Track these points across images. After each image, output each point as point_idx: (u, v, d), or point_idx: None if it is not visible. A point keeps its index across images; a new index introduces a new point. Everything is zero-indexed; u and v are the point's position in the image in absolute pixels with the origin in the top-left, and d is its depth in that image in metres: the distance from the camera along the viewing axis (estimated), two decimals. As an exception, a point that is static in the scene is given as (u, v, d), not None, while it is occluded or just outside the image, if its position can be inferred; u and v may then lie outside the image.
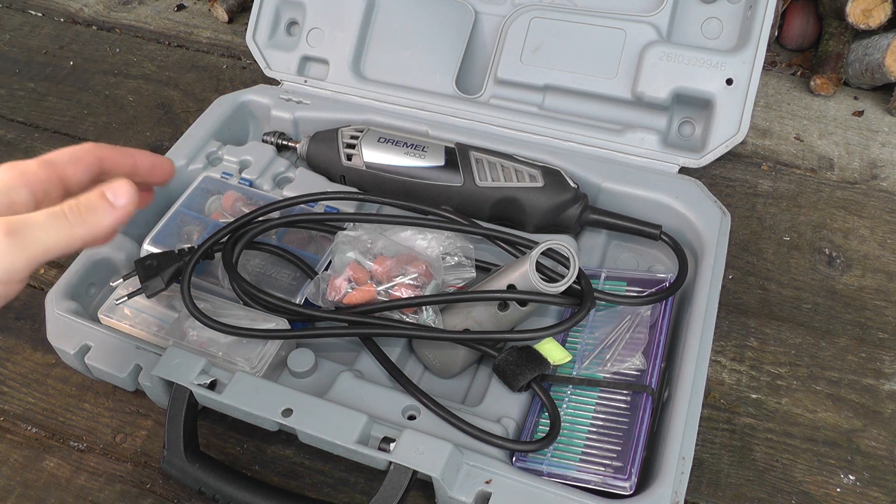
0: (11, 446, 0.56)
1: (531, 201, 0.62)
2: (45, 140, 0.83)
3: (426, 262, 0.55)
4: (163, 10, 1.01)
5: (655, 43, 0.67)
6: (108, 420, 0.58)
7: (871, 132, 0.79)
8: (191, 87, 0.89)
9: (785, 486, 0.53)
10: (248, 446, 0.56)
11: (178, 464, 0.48)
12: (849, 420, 0.57)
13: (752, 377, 0.59)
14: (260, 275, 0.58)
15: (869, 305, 0.64)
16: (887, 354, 0.61)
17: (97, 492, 0.54)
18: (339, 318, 0.53)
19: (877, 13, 0.78)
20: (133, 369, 0.53)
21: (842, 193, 0.73)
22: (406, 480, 0.45)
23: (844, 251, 0.68)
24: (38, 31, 0.98)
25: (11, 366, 0.61)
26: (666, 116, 0.69)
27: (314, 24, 0.77)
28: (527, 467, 0.48)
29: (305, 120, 0.73)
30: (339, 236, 0.57)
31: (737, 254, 0.68)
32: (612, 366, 0.53)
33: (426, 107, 0.72)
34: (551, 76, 0.70)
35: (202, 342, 0.54)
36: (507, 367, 0.51)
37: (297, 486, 0.54)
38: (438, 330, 0.52)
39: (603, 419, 0.50)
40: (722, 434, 0.56)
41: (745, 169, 0.76)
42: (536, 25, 0.71)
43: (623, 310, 0.56)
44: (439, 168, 0.64)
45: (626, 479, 0.46)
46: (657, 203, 0.63)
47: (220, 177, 0.66)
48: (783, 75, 0.87)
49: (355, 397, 0.51)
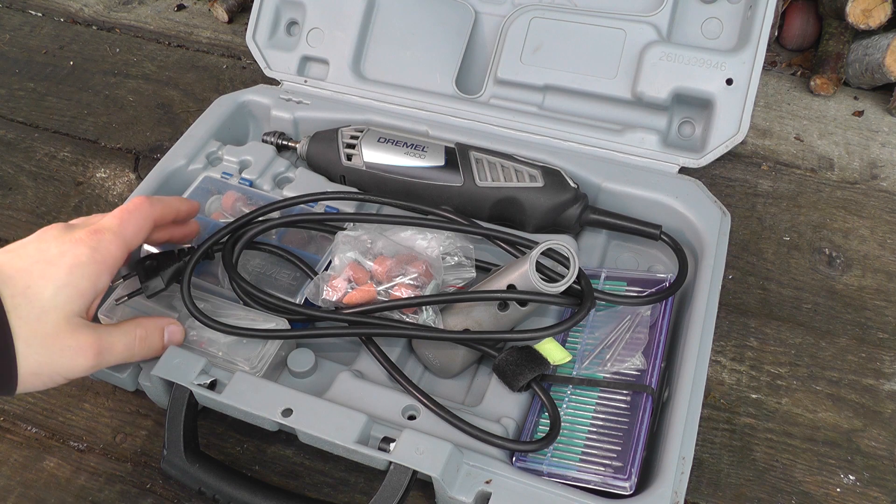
0: (11, 446, 0.56)
1: (531, 201, 0.62)
2: (45, 140, 0.83)
3: (426, 262, 0.55)
4: (163, 10, 1.01)
5: (655, 43, 0.67)
6: (108, 420, 0.58)
7: (871, 132, 0.79)
8: (191, 87, 0.89)
9: (785, 486, 0.53)
10: (248, 446, 0.56)
11: (178, 464, 0.48)
12: (849, 420, 0.57)
13: (752, 377, 0.59)
14: (260, 275, 0.58)
15: (869, 305, 0.64)
16: (887, 354, 0.61)
17: (97, 492, 0.54)
18: (339, 318, 0.53)
19: (877, 13, 0.78)
20: (133, 369, 0.53)
21: (842, 193, 0.73)
22: (406, 480, 0.45)
23: (844, 251, 0.68)
24: (38, 31, 0.98)
25: (11, 366, 0.61)
26: (666, 116, 0.69)
27: (314, 24, 0.77)
28: (527, 467, 0.48)
29: (305, 120, 0.73)
30: (339, 236, 0.57)
31: (737, 254, 0.68)
32: (612, 366, 0.53)
33: (426, 107, 0.72)
34: (551, 76, 0.70)
35: (202, 342, 0.54)
36: (507, 367, 0.51)
37: (297, 486, 0.54)
38: (438, 330, 0.52)
39: (603, 419, 0.50)
40: (722, 434, 0.56)
41: (745, 169, 0.76)
42: (536, 25, 0.71)
43: (623, 310, 0.56)
44: (439, 168, 0.64)
45: (626, 479, 0.46)
46: (657, 203, 0.63)
47: (220, 177, 0.66)
48: (783, 75, 0.87)
49: (355, 397, 0.51)
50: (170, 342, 0.50)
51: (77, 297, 0.42)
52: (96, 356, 0.44)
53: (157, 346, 0.49)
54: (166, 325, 0.50)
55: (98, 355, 0.44)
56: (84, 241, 0.43)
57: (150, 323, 0.49)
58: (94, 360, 0.44)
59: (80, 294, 0.42)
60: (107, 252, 0.44)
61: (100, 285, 0.44)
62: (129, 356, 0.47)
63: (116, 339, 0.46)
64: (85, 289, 0.43)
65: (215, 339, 0.54)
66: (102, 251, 0.44)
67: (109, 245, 0.44)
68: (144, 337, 0.48)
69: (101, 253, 0.43)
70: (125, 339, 0.46)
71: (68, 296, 0.42)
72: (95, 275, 0.43)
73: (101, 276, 0.44)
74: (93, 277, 0.43)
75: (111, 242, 0.44)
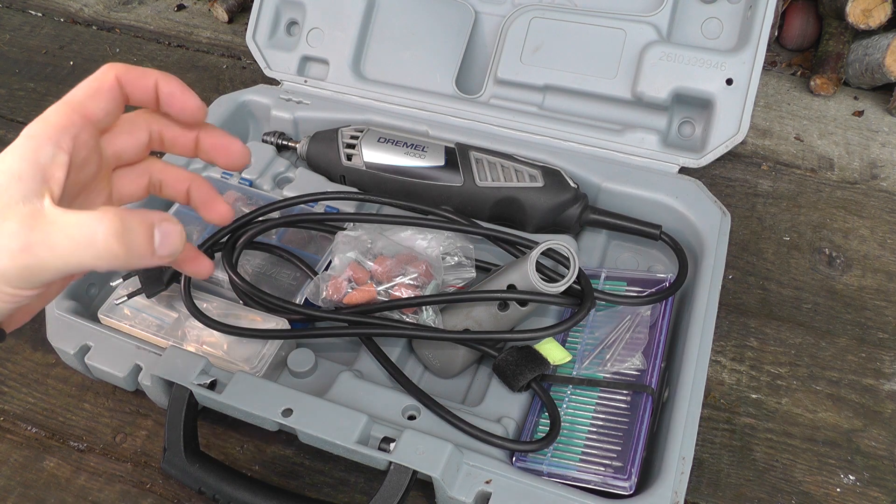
0: (11, 446, 0.56)
1: (531, 201, 0.62)
2: (45, 140, 0.83)
3: (426, 262, 0.55)
4: (163, 10, 1.01)
5: (655, 43, 0.67)
6: (108, 420, 0.58)
7: (871, 132, 0.79)
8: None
9: (785, 486, 0.53)
10: (248, 446, 0.56)
11: (178, 464, 0.48)
12: (849, 420, 0.57)
13: (752, 377, 0.59)
14: (260, 275, 0.58)
15: (869, 305, 0.64)
16: (887, 354, 0.61)
17: (97, 492, 0.54)
18: (339, 318, 0.53)
19: (877, 13, 0.78)
20: (133, 369, 0.53)
21: (842, 193, 0.73)
22: (406, 480, 0.45)
23: (844, 251, 0.68)
24: (38, 31, 0.98)
25: (11, 366, 0.61)
26: (666, 116, 0.69)
27: (314, 24, 0.77)
28: (527, 467, 0.48)
29: (305, 120, 0.73)
30: (339, 236, 0.57)
31: (737, 254, 0.68)
32: (612, 366, 0.53)
33: (426, 107, 0.72)
34: (551, 76, 0.70)
35: (202, 342, 0.54)
36: (507, 367, 0.51)
37: (297, 486, 0.54)
38: (438, 330, 0.52)
39: (603, 419, 0.50)
40: (722, 434, 0.56)
41: (745, 169, 0.76)
42: (536, 25, 0.71)
43: (623, 310, 0.56)
44: (439, 168, 0.64)
45: (626, 479, 0.46)
46: (657, 203, 0.63)
47: (220, 177, 0.66)
48: (783, 75, 0.87)
49: (355, 397, 0.51)
50: (163, 246, 0.33)
51: (10, 178, 0.32)
52: (23, 250, 0.31)
53: (142, 248, 0.33)
54: (158, 222, 0.33)
55: (26, 249, 0.31)
56: (26, 128, 0.35)
57: (131, 215, 0.32)
58: (19, 256, 0.31)
59: (12, 175, 0.32)
60: (45, 124, 0.34)
61: (42, 158, 0.33)
62: (90, 258, 0.32)
63: (63, 229, 0.31)
64: (15, 168, 0.32)
65: (215, 339, 0.54)
66: (38, 126, 0.34)
67: (49, 116, 0.35)
68: (120, 232, 0.31)
69: (35, 128, 0.34)
70: (80, 231, 0.31)
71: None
72: (32, 150, 0.33)
73: (40, 148, 0.33)
74: (28, 154, 0.33)
75: (53, 112, 0.35)
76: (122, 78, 0.37)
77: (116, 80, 0.37)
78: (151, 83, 0.38)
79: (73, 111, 0.35)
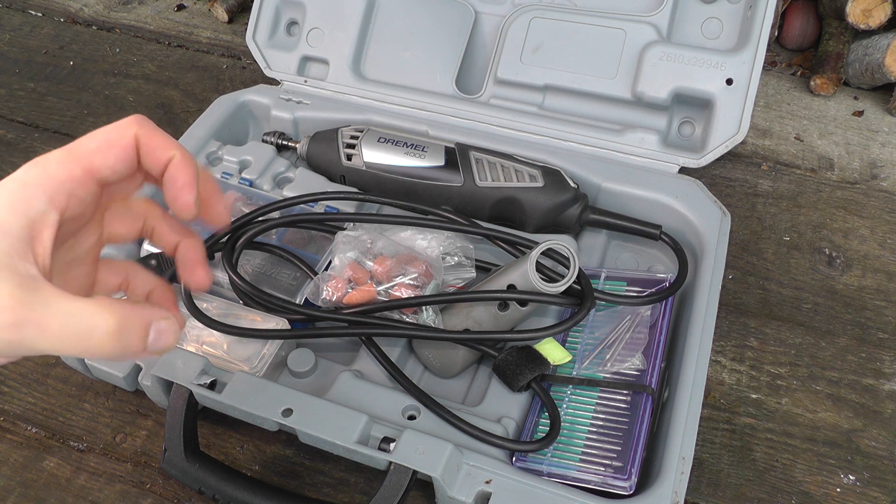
0: (11, 446, 0.56)
1: (531, 201, 0.62)
2: (45, 140, 0.83)
3: (426, 262, 0.55)
4: (163, 10, 1.01)
5: (655, 43, 0.67)
6: (108, 420, 0.58)
7: (871, 132, 0.79)
8: (191, 87, 0.89)
9: (785, 486, 0.53)
10: (247, 446, 0.56)
11: (178, 464, 0.48)
12: (849, 420, 0.57)
13: (752, 377, 0.59)
14: (260, 275, 0.58)
15: (869, 305, 0.64)
16: (887, 354, 0.61)
17: (97, 492, 0.54)
18: (339, 318, 0.53)
19: (877, 13, 0.78)
20: (133, 369, 0.53)
21: (842, 193, 0.73)
22: (406, 480, 0.45)
23: (844, 251, 0.68)
24: (38, 31, 0.98)
25: (11, 365, 0.61)
26: (666, 116, 0.69)
27: (314, 24, 0.77)
28: (527, 467, 0.48)
29: (305, 120, 0.73)
30: (339, 236, 0.57)
31: (737, 254, 0.68)
32: (612, 366, 0.53)
33: (426, 107, 0.72)
34: (551, 76, 0.70)
35: (202, 342, 0.54)
36: (507, 367, 0.51)
37: (297, 486, 0.54)
38: (438, 330, 0.52)
39: (603, 419, 0.50)
40: (722, 434, 0.56)
41: (745, 169, 0.76)
42: (536, 25, 0.71)
43: (623, 310, 0.56)
44: (439, 168, 0.64)
45: (626, 479, 0.46)
46: (657, 203, 0.63)
47: (221, 177, 0.66)
48: (783, 75, 0.87)
49: (355, 397, 0.51)
50: (155, 344, 0.32)
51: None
52: (13, 326, 0.28)
53: (135, 346, 0.31)
54: (156, 320, 0.32)
55: (16, 326, 0.28)
56: (21, 169, 0.32)
57: (131, 314, 0.31)
58: (7, 330, 0.28)
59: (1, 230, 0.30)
60: (43, 173, 0.32)
61: (32, 212, 0.31)
62: (80, 350, 0.30)
63: (58, 315, 0.29)
64: (1, 219, 0.30)
65: (215, 339, 0.54)
66: (36, 173, 0.32)
67: (49, 164, 0.32)
68: (117, 332, 0.30)
69: (32, 174, 0.32)
70: (77, 322, 0.29)
71: None
72: (22, 201, 0.31)
73: (32, 200, 0.31)
74: (17, 205, 0.30)
75: (55, 161, 0.32)
76: (142, 140, 0.35)
77: (134, 141, 0.34)
78: (166, 159, 0.35)
79: (77, 163, 0.33)
